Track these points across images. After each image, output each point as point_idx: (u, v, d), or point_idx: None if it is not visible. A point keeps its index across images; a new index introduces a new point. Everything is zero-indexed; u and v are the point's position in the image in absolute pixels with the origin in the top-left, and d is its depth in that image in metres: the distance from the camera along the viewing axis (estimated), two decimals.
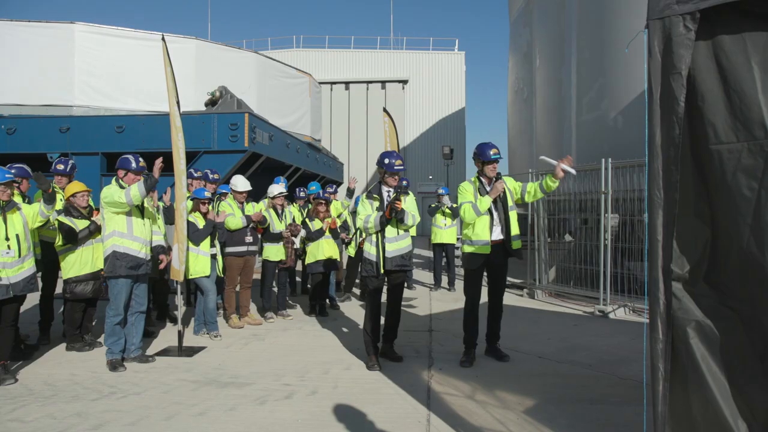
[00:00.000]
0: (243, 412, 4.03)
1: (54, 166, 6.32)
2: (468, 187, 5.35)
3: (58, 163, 6.33)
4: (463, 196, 5.29)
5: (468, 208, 5.18)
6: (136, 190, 5.02)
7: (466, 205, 5.21)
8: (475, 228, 5.21)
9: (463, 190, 5.34)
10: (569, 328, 6.89)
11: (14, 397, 4.34)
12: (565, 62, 10.72)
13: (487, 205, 5.16)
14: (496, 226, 5.23)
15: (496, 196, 5.18)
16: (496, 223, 5.23)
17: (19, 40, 11.41)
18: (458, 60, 31.74)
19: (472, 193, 5.28)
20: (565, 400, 4.22)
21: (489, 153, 5.24)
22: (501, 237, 5.23)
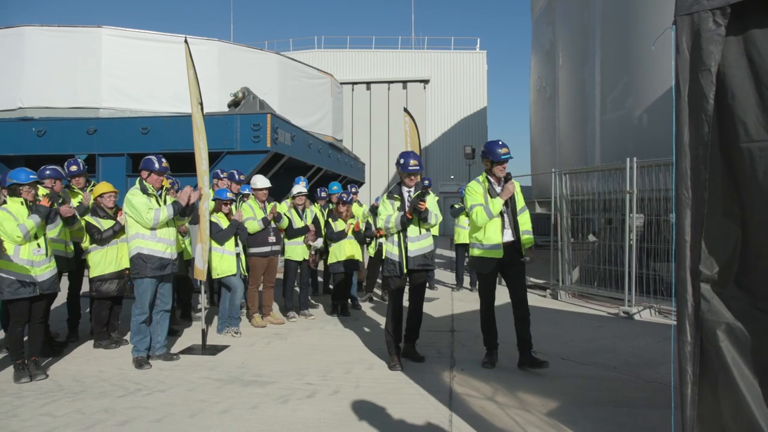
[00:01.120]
0: (266, 410, 4.06)
1: (67, 168, 6.38)
2: (477, 188, 5.16)
3: (71, 165, 6.41)
4: (473, 198, 5.12)
5: (480, 211, 5.02)
6: (165, 215, 5.16)
7: (477, 208, 5.04)
8: (487, 231, 5.06)
9: (472, 192, 5.16)
10: (593, 329, 6.80)
11: (45, 393, 4.45)
12: (589, 60, 10.59)
13: (500, 207, 5.01)
14: (506, 228, 5.09)
15: (508, 197, 5.05)
16: (506, 225, 5.09)
17: (49, 45, 11.65)
18: (480, 59, 31.58)
19: (482, 194, 5.09)
20: (589, 403, 4.17)
21: (499, 153, 5.05)
22: (512, 238, 5.09)
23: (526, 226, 5.20)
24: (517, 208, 5.14)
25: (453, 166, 30.02)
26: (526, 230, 5.18)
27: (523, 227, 5.15)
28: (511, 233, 5.10)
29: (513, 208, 5.11)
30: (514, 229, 5.11)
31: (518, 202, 5.17)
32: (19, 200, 4.80)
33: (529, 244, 5.17)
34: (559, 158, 12.50)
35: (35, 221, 4.68)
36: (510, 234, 5.10)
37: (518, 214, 5.13)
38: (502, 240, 5.03)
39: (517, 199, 5.16)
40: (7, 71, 11.78)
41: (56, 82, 11.53)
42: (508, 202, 5.08)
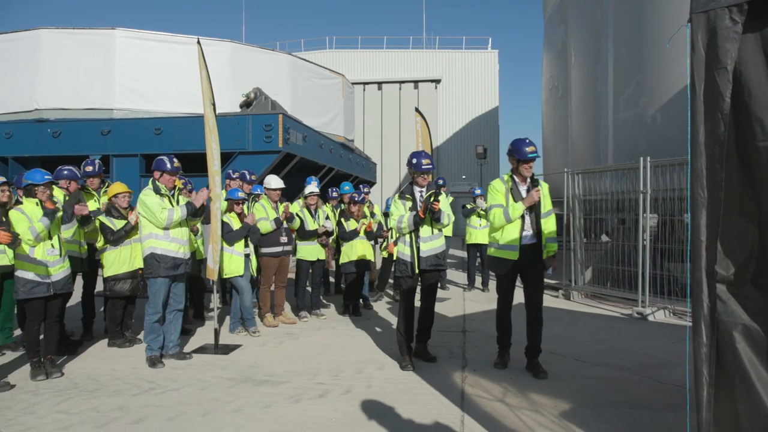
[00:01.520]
0: (278, 409, 4.07)
1: (83, 168, 6.47)
2: (500, 186, 5.01)
3: (87, 165, 6.49)
4: (494, 198, 4.99)
5: (498, 213, 4.89)
6: (178, 215, 5.20)
7: (496, 209, 4.92)
8: (504, 231, 4.92)
9: (494, 191, 5.03)
10: (606, 330, 6.75)
11: (61, 390, 4.50)
12: (602, 59, 10.50)
13: (520, 213, 4.84)
14: (527, 231, 4.92)
15: (530, 205, 4.87)
16: (527, 227, 4.92)
17: (64, 47, 11.80)
18: (491, 59, 31.47)
19: (503, 194, 4.95)
20: (602, 404, 4.13)
21: (525, 151, 4.87)
22: (533, 241, 4.92)
23: (551, 232, 5.00)
24: (543, 210, 4.95)
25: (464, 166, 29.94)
26: (550, 237, 4.98)
27: (547, 233, 4.96)
28: (531, 235, 4.93)
29: (537, 211, 4.93)
30: (536, 232, 4.94)
31: (544, 205, 4.98)
32: (34, 201, 4.85)
33: (552, 251, 4.99)
34: (572, 158, 12.42)
35: (45, 224, 4.74)
36: (531, 236, 4.93)
37: (542, 218, 4.94)
38: (519, 241, 4.87)
39: (544, 202, 4.97)
40: (23, 73, 11.95)
41: (71, 84, 11.68)
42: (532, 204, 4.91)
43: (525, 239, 4.90)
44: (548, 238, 4.95)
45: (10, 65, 12.15)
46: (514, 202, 4.87)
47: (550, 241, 4.96)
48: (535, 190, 4.88)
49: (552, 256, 5.00)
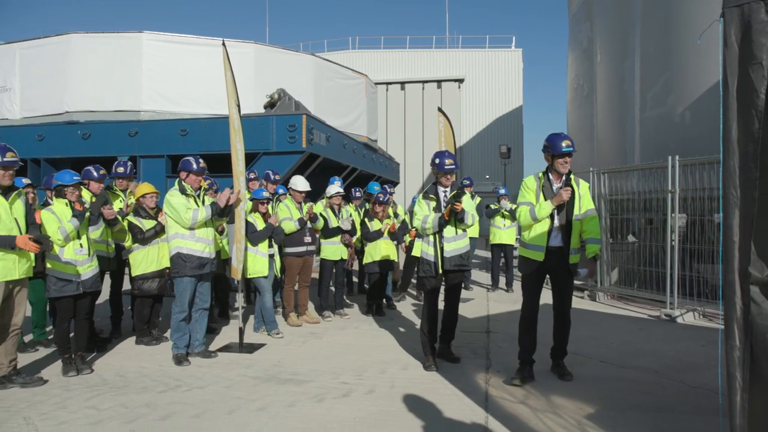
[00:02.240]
0: (302, 408, 4.09)
1: (114, 169, 6.61)
2: (531, 184, 4.79)
3: (119, 166, 6.63)
4: (523, 196, 4.80)
5: (525, 211, 4.70)
6: (203, 215, 5.26)
7: (523, 207, 4.73)
8: (532, 231, 4.72)
9: (524, 188, 4.82)
10: (633, 332, 6.64)
11: (91, 386, 4.59)
12: (628, 57, 10.33)
13: (547, 212, 4.59)
14: (555, 232, 4.66)
15: (558, 204, 4.61)
16: (556, 229, 4.66)
17: (93, 51, 12.07)
18: (515, 57, 31.20)
19: (534, 192, 4.73)
20: (628, 407, 4.06)
21: (560, 145, 4.61)
22: (560, 244, 4.66)
23: (591, 233, 4.71)
24: (580, 211, 4.68)
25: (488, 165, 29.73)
26: (591, 238, 4.70)
27: (587, 234, 4.70)
28: (560, 238, 4.65)
29: (568, 212, 4.65)
30: (564, 233, 4.65)
31: (583, 205, 4.71)
32: (64, 201, 4.96)
33: (592, 253, 4.74)
34: (598, 157, 12.24)
35: (74, 225, 4.85)
36: (559, 239, 4.65)
37: (578, 218, 4.67)
38: (546, 242, 4.65)
39: (582, 202, 4.71)
40: (55, 77, 12.26)
41: (100, 86, 11.94)
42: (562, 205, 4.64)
43: (553, 240, 4.66)
44: (589, 239, 4.71)
45: (42, 69, 12.48)
46: (544, 201, 4.66)
47: (591, 242, 4.71)
48: (565, 189, 4.62)
49: (592, 259, 4.77)
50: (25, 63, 12.78)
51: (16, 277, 4.41)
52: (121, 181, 6.60)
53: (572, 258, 4.70)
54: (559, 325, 4.83)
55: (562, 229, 4.67)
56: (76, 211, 4.89)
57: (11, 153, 4.41)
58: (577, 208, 4.69)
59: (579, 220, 4.69)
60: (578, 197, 4.70)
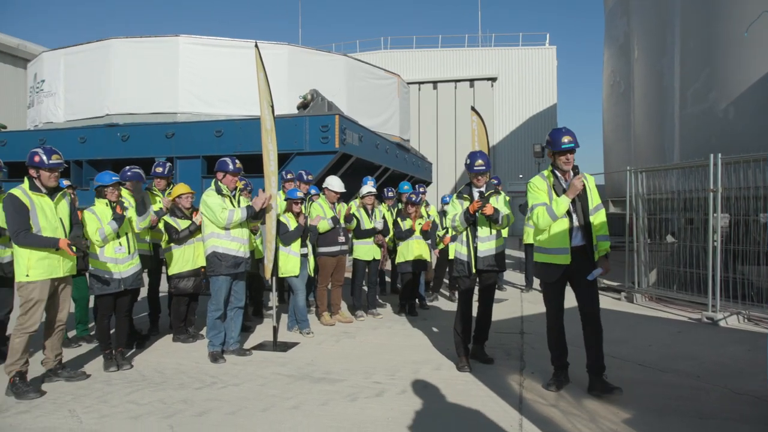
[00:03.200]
0: (335, 407, 4.11)
1: (153, 169, 6.78)
2: (540, 183, 4.49)
3: (157, 167, 6.78)
4: (535, 197, 4.45)
5: (541, 212, 4.36)
6: (238, 216, 5.35)
7: (538, 208, 4.38)
8: (551, 233, 4.40)
9: (534, 189, 4.49)
10: (673, 335, 6.46)
11: (130, 382, 4.72)
12: (667, 52, 10.06)
13: (565, 207, 4.29)
14: (576, 230, 4.38)
15: (574, 195, 4.31)
16: (575, 227, 4.38)
17: (132, 55, 12.38)
18: (549, 55, 30.79)
19: (545, 191, 4.43)
20: (669, 412, 3.95)
21: (560, 141, 4.34)
22: (582, 242, 4.38)
23: (601, 229, 4.42)
24: (590, 206, 4.41)
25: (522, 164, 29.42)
26: (602, 235, 4.42)
27: (598, 231, 4.40)
28: (581, 236, 4.39)
29: (584, 207, 4.38)
30: (585, 231, 4.38)
31: (592, 199, 4.42)
32: (104, 201, 5.11)
33: (603, 251, 4.43)
34: (635, 156, 11.96)
35: (113, 227, 4.98)
36: (580, 237, 4.39)
37: (591, 214, 4.40)
38: (570, 243, 4.36)
39: (591, 196, 4.42)
40: (96, 81, 12.63)
41: (138, 90, 12.24)
42: (577, 199, 4.37)
43: (575, 240, 4.37)
44: (600, 236, 4.40)
45: (84, 74, 12.87)
46: (558, 197, 4.36)
47: (601, 239, 4.41)
48: (577, 177, 4.32)
49: (604, 257, 4.43)
50: (69, 68, 13.20)
51: (61, 275, 4.56)
52: (159, 181, 6.75)
53: (596, 255, 4.40)
54: (590, 334, 4.41)
55: (582, 227, 4.39)
56: (116, 215, 5.02)
57: (57, 155, 4.56)
58: (591, 203, 4.42)
59: (592, 215, 4.41)
60: (589, 191, 4.43)
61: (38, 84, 14.06)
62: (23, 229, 4.32)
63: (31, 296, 4.39)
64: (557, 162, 4.44)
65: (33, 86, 14.50)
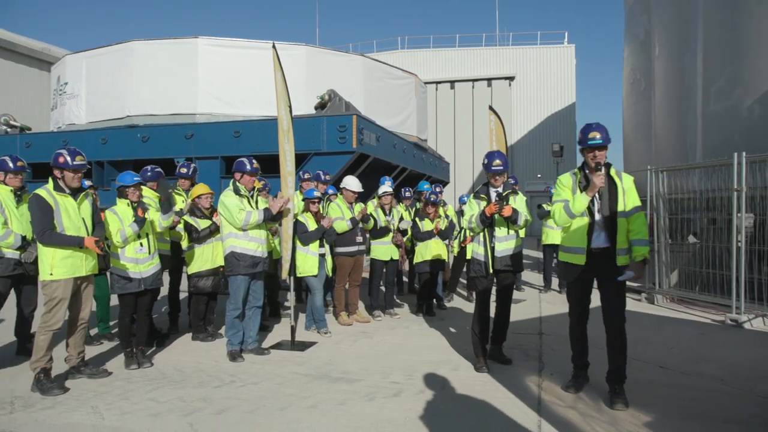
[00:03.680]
0: (353, 407, 4.11)
1: (178, 169, 6.86)
2: (567, 181, 4.39)
3: (182, 167, 6.87)
4: (557, 194, 4.38)
5: (559, 209, 4.29)
6: (255, 218, 5.37)
7: (557, 205, 4.33)
8: (570, 231, 4.34)
9: (559, 186, 4.42)
10: (695, 337, 6.35)
11: (151, 380, 4.78)
12: (690, 48, 9.90)
13: (583, 205, 4.17)
14: (598, 231, 4.22)
15: (594, 193, 4.17)
16: (598, 227, 4.22)
17: (152, 57, 12.53)
18: (568, 53, 30.49)
19: (569, 189, 4.33)
20: (691, 416, 3.88)
21: (586, 137, 4.23)
22: (605, 245, 4.20)
23: (638, 233, 4.16)
24: (626, 208, 4.17)
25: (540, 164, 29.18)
26: (638, 239, 4.15)
27: (634, 235, 4.16)
28: (604, 238, 4.21)
29: (612, 207, 4.19)
30: (609, 232, 4.19)
31: (627, 201, 4.18)
32: (126, 202, 5.18)
33: (640, 256, 4.17)
34: (656, 155, 11.79)
35: (134, 230, 5.05)
36: (603, 238, 4.22)
37: (623, 216, 4.17)
38: (586, 244, 4.23)
39: (626, 198, 4.18)
40: (117, 83, 12.80)
41: (158, 91, 12.37)
42: (602, 199, 4.21)
43: (596, 241, 4.22)
44: (635, 240, 4.16)
45: (105, 76, 13.05)
46: (578, 194, 4.25)
47: (638, 243, 4.15)
48: (597, 175, 4.13)
49: (641, 262, 4.17)
50: (91, 71, 13.40)
51: (83, 274, 4.63)
52: (183, 181, 6.83)
53: (620, 260, 4.18)
54: (611, 342, 4.21)
55: (606, 227, 4.20)
56: (138, 218, 5.08)
57: (80, 157, 4.64)
58: (621, 204, 4.18)
59: (626, 217, 4.18)
60: (621, 191, 4.20)
61: (61, 86, 14.30)
62: (48, 228, 4.41)
63: (54, 294, 4.47)
64: (585, 159, 4.32)
65: (56, 89, 14.75)
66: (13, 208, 5.24)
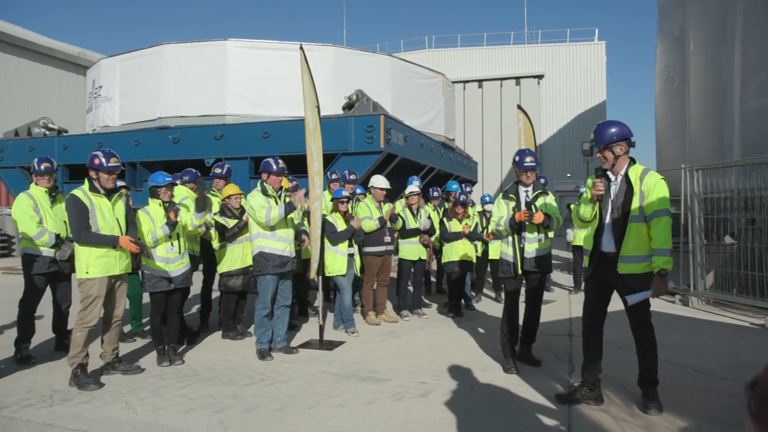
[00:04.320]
0: (381, 406, 4.11)
1: (212, 170, 6.97)
2: (589, 182, 4.18)
3: (216, 167, 6.98)
4: (584, 195, 4.23)
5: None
6: (276, 213, 5.40)
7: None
8: (586, 234, 4.26)
9: (586, 188, 4.25)
10: (733, 341, 6.17)
11: (182, 377, 4.86)
12: (727, 44, 9.63)
13: (585, 211, 4.08)
14: (607, 234, 4.00)
15: (596, 198, 4.01)
16: (607, 231, 4.00)
17: (183, 59, 12.75)
18: (598, 51, 30.02)
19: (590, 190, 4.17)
20: (729, 423, 3.76)
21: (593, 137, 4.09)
22: (611, 250, 3.96)
23: (656, 241, 3.75)
24: (643, 211, 3.82)
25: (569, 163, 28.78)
26: (656, 248, 3.74)
27: (653, 243, 3.77)
28: (610, 243, 3.96)
29: (621, 209, 3.92)
30: (617, 237, 3.93)
31: (648, 203, 3.81)
32: (158, 202, 5.28)
33: (656, 267, 3.73)
34: (690, 153, 11.52)
35: (165, 232, 5.15)
36: (611, 243, 3.96)
37: (637, 220, 3.85)
38: (593, 246, 4.09)
39: (645, 200, 3.83)
40: (149, 85, 13.07)
41: (188, 93, 12.58)
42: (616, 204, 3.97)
43: (606, 245, 4.00)
44: (655, 249, 3.75)
45: (138, 79, 13.34)
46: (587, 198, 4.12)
47: (655, 253, 3.74)
48: (598, 180, 3.97)
49: (658, 275, 3.71)
50: (124, 74, 13.71)
51: (117, 273, 4.74)
52: (217, 182, 6.94)
53: (624, 267, 3.87)
54: (637, 346, 4.08)
55: (615, 231, 3.95)
56: (170, 221, 5.18)
57: (115, 158, 4.75)
58: (635, 206, 3.86)
59: (643, 222, 3.83)
60: (637, 193, 3.86)
61: (96, 90, 14.66)
62: (84, 228, 4.52)
63: (90, 292, 4.59)
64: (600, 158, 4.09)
65: (91, 92, 15.12)
66: (48, 208, 5.41)
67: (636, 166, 3.99)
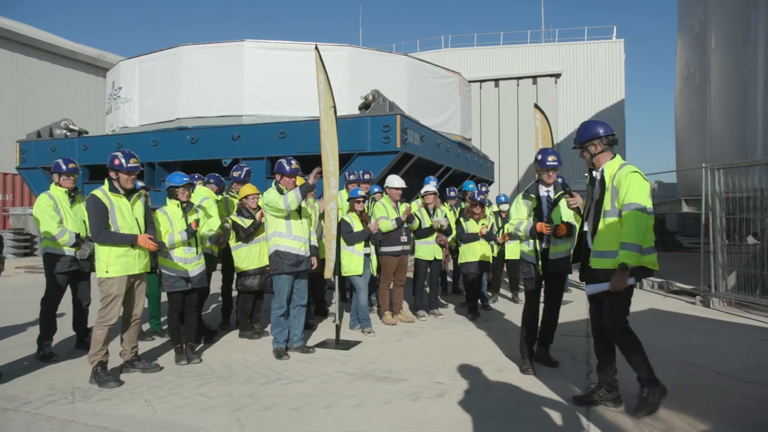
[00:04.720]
0: (397, 406, 4.11)
1: (231, 173, 7.01)
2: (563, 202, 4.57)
3: (235, 170, 7.01)
4: None
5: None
6: (293, 196, 5.41)
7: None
8: None
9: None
10: (755, 343, 6.06)
11: (200, 375, 4.90)
12: (750, 40, 9.46)
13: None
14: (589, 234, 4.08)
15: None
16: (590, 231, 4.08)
17: (200, 61, 12.87)
18: (616, 49, 29.61)
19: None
20: (750, 426, 3.70)
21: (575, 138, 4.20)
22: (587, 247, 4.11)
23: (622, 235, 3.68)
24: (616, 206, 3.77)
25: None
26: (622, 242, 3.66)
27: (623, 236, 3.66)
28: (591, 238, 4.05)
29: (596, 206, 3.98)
30: (593, 233, 4.01)
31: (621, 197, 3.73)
32: (176, 202, 5.34)
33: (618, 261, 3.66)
34: (711, 152, 11.34)
35: (183, 237, 5.21)
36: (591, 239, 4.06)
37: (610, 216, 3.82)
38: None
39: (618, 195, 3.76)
40: (167, 86, 13.20)
41: (206, 94, 12.69)
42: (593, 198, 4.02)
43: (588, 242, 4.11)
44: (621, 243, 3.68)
45: (157, 80, 13.49)
46: None
47: (622, 246, 3.67)
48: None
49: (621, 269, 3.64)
50: (143, 75, 13.87)
51: (136, 272, 4.80)
52: (236, 185, 6.99)
53: (596, 262, 3.90)
54: None
55: (591, 228, 4.06)
56: (190, 229, 5.24)
57: (134, 159, 4.81)
58: (607, 201, 3.85)
59: (615, 217, 3.79)
60: (609, 188, 3.83)
61: (116, 91, 14.85)
62: (103, 227, 4.59)
63: (110, 291, 4.65)
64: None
65: (111, 93, 15.33)
66: (68, 208, 5.50)
67: (612, 162, 3.98)
